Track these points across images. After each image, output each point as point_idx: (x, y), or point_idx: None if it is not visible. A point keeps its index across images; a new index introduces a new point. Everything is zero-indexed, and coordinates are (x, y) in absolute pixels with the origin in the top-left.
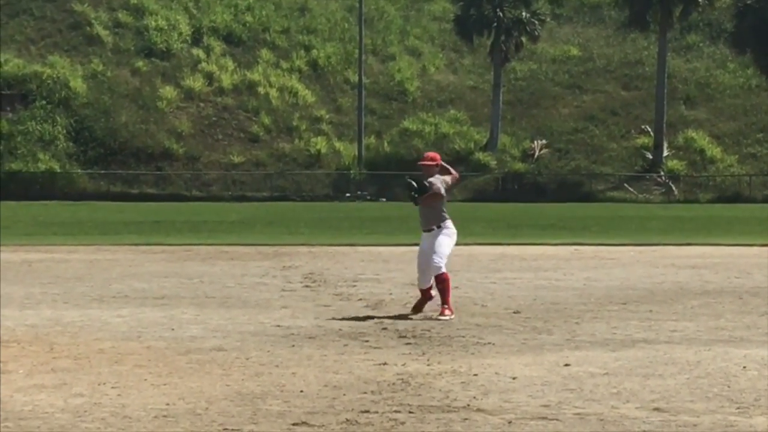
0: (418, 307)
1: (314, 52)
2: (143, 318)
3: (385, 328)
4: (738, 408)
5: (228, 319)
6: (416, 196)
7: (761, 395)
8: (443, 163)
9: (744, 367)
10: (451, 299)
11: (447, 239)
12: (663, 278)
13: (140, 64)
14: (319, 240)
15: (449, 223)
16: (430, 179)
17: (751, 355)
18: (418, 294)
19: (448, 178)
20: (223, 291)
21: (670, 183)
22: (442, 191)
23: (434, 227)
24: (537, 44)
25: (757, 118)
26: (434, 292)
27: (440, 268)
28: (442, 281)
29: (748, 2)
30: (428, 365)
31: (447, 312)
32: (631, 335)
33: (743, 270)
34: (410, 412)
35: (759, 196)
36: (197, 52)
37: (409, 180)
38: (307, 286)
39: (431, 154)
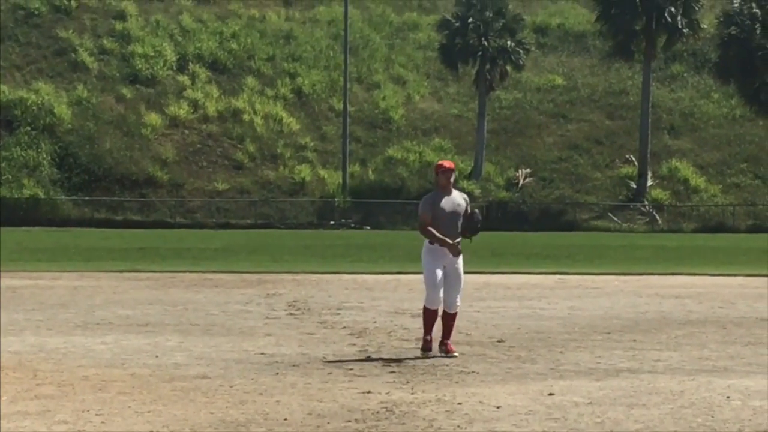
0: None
1: (299, 79)
2: (127, 345)
3: (369, 357)
4: None
5: (212, 347)
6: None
7: (745, 425)
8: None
9: (728, 397)
10: (434, 330)
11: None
12: (647, 308)
13: (125, 90)
14: (304, 268)
15: None
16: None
17: (734, 385)
18: (403, 322)
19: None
20: (207, 318)
21: (654, 212)
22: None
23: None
24: (522, 73)
25: (741, 148)
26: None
27: (459, 306)
28: (454, 318)
29: (733, 32)
30: (412, 394)
31: (453, 347)
32: (615, 365)
33: (727, 300)
34: None
35: (742, 226)
36: (182, 79)
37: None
38: (291, 314)
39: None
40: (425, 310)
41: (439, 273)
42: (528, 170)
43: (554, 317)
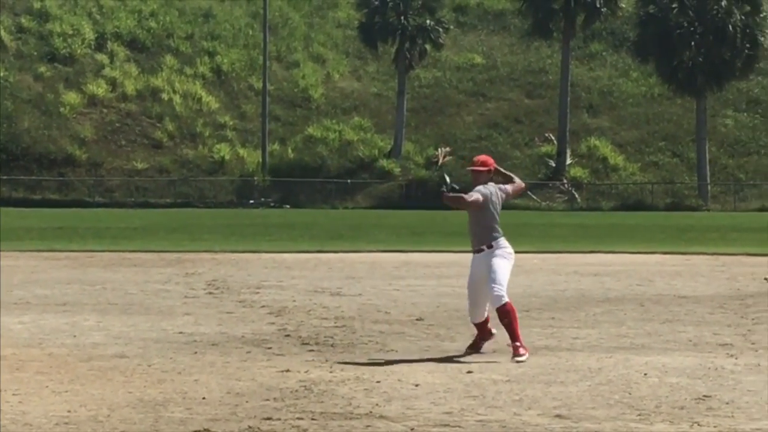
0: (474, 345)
1: (218, 58)
2: (45, 325)
3: (288, 335)
4: (639, 415)
5: (130, 326)
6: (445, 191)
7: (662, 402)
8: (500, 169)
9: (645, 374)
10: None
11: (503, 261)
12: (565, 285)
13: (43, 69)
14: (223, 247)
15: (503, 241)
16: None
17: (652, 362)
18: (322, 301)
19: (508, 187)
20: (126, 298)
21: (573, 191)
22: (480, 200)
23: (485, 247)
24: (441, 52)
25: (660, 126)
26: (493, 327)
27: (501, 297)
28: (506, 314)
29: (651, 11)
30: (331, 372)
31: (522, 351)
32: (534, 342)
33: (645, 278)
34: (313, 419)
35: (661, 204)
36: (101, 57)
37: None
38: (210, 293)
39: (482, 157)
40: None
41: (477, 287)
42: (447, 149)
43: None
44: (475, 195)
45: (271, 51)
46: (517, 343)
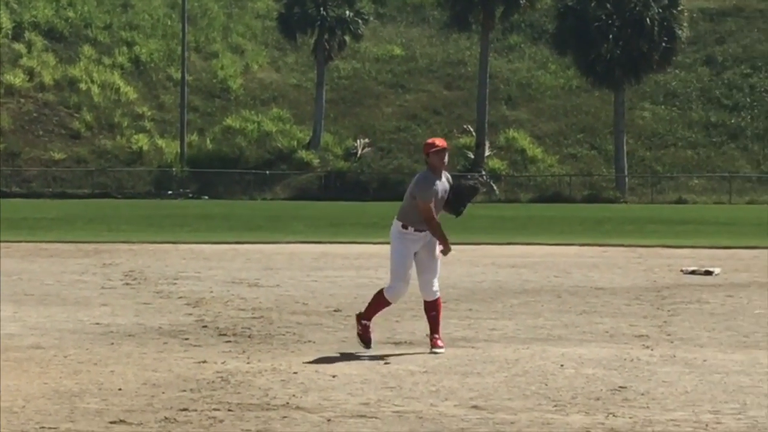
0: (366, 337)
1: (136, 48)
2: None
3: (205, 326)
4: (555, 406)
5: (46, 317)
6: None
7: (578, 393)
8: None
9: (561, 366)
10: (271, 301)
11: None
12: (483, 277)
13: None
14: (140, 237)
15: None
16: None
17: (568, 354)
18: (240, 292)
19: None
20: (42, 288)
21: (492, 182)
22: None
23: (423, 231)
24: (360, 43)
25: (578, 118)
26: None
27: (437, 292)
28: (436, 307)
29: (569, 4)
30: (248, 363)
31: (440, 343)
32: (451, 333)
33: (562, 269)
34: (229, 410)
35: (578, 196)
36: (18, 47)
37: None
38: (127, 284)
39: (438, 139)
40: (381, 297)
41: (410, 264)
42: (366, 140)
43: None
44: (431, 203)
45: (189, 41)
46: (436, 336)
